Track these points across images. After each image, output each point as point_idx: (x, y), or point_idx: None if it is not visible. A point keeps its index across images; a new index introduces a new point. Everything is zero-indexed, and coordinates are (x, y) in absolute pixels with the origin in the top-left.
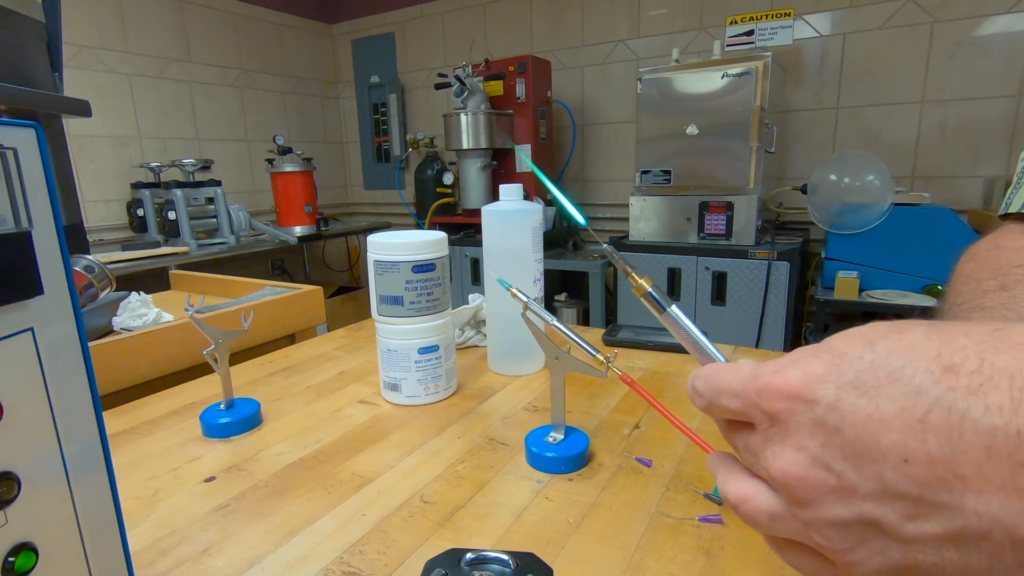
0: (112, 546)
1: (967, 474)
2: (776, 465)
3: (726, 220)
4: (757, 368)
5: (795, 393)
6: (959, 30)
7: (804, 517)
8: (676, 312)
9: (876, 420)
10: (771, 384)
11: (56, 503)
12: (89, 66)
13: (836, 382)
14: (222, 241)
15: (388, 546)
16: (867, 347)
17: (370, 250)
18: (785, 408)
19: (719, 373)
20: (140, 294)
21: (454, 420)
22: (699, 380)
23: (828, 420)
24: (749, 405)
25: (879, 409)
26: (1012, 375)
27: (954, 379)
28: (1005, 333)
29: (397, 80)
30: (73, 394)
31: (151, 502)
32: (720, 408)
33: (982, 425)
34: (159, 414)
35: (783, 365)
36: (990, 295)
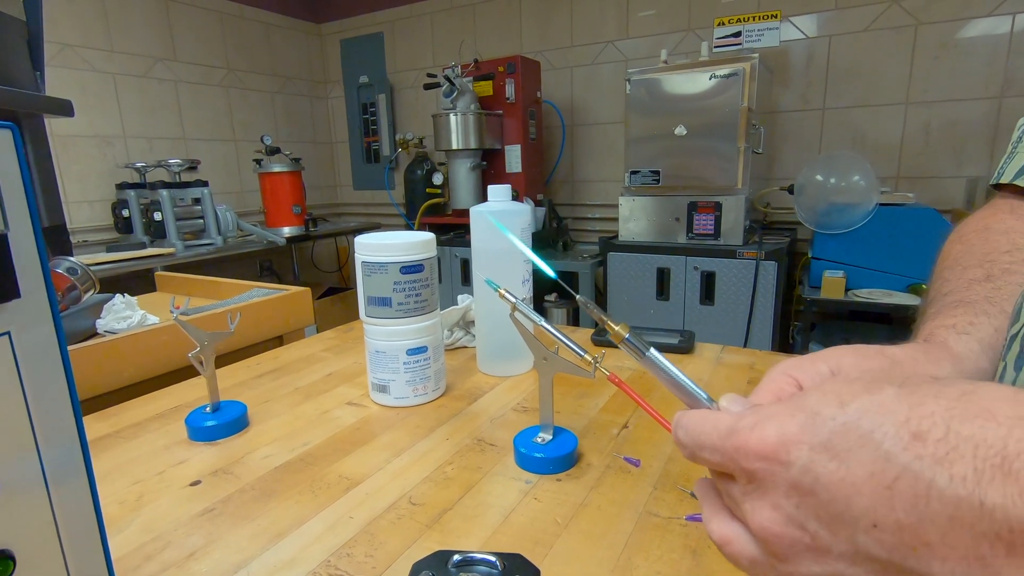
0: (93, 552)
1: (933, 541)
2: (754, 520)
3: (714, 220)
4: (736, 422)
5: (771, 454)
6: (942, 33)
7: (781, 569)
8: (655, 355)
9: (848, 484)
10: (748, 443)
11: (34, 509)
12: (72, 65)
13: (810, 443)
14: (209, 242)
15: (376, 548)
16: (840, 408)
17: (357, 251)
18: (762, 468)
19: (699, 426)
20: (125, 296)
21: (443, 421)
22: (680, 431)
23: (803, 482)
24: (728, 460)
25: (850, 473)
26: (976, 445)
27: (921, 447)
28: (973, 398)
29: (386, 80)
30: (52, 399)
31: (136, 507)
32: (702, 460)
33: (947, 495)
34: (144, 417)
35: (759, 422)
36: (975, 286)
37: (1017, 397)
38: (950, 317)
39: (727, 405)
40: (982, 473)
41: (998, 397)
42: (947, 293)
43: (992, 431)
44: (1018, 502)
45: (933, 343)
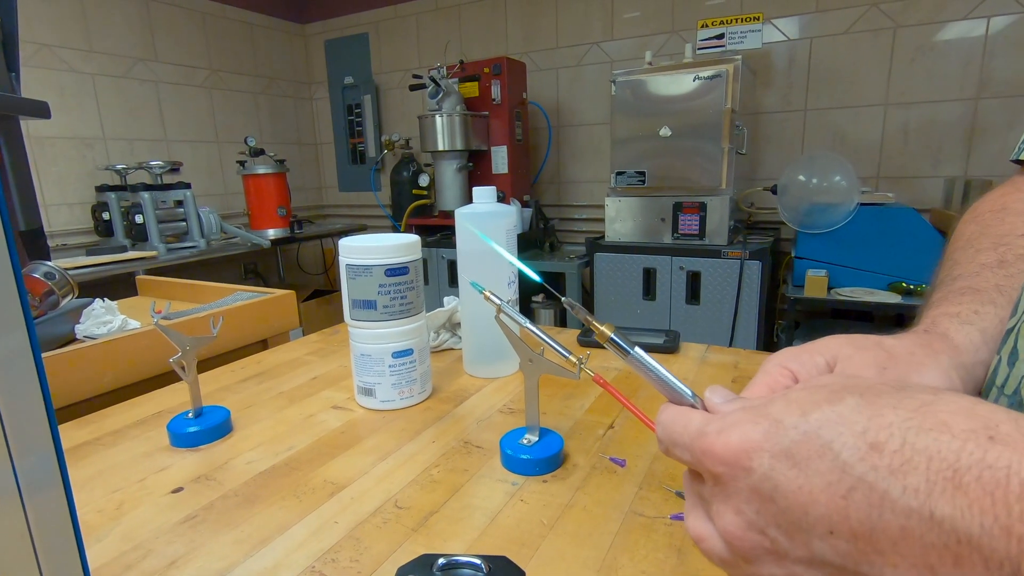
0: (70, 564)
1: (885, 550)
2: (719, 522)
3: (699, 220)
4: (704, 424)
5: (734, 460)
6: (920, 35)
7: (746, 570)
8: (640, 354)
9: (805, 493)
10: (714, 447)
11: (7, 520)
12: (50, 65)
13: (771, 451)
14: (192, 245)
15: (361, 553)
16: (802, 416)
17: (342, 254)
18: (725, 472)
19: (673, 424)
20: (104, 300)
21: (429, 424)
22: (658, 426)
23: (763, 488)
24: (696, 462)
25: (808, 482)
26: (930, 457)
27: (877, 458)
28: (931, 409)
29: (371, 81)
30: (25, 407)
31: (115, 515)
32: (675, 456)
33: (899, 506)
34: (124, 424)
35: (725, 427)
36: (985, 271)
37: (974, 410)
38: (955, 304)
39: (710, 396)
40: (934, 485)
41: (955, 410)
42: (956, 277)
43: (946, 444)
44: (967, 514)
45: (933, 333)
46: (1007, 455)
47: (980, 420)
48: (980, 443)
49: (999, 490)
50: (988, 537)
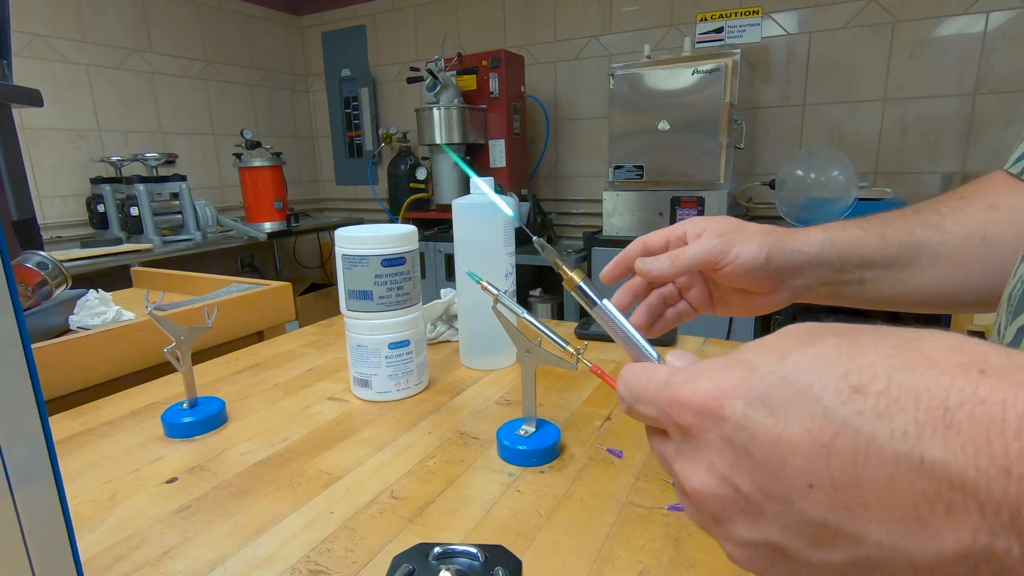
0: (61, 555)
1: (871, 502)
2: (687, 480)
3: (697, 215)
4: (672, 375)
5: (704, 407)
6: (918, 30)
7: (717, 531)
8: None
9: (784, 442)
10: (681, 395)
11: None
12: (43, 55)
13: (745, 398)
14: (188, 237)
15: (356, 543)
16: (779, 360)
17: (338, 244)
18: (695, 423)
19: (636, 378)
20: (99, 291)
21: (425, 415)
22: (621, 384)
23: (737, 439)
24: (662, 414)
25: (787, 430)
26: (918, 395)
27: (861, 401)
28: (916, 345)
29: (369, 74)
30: (15, 398)
31: (108, 505)
32: (638, 413)
33: (886, 452)
34: (118, 415)
35: (694, 375)
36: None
37: (962, 345)
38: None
39: (672, 360)
40: (924, 427)
41: (941, 345)
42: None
43: (934, 380)
44: (960, 457)
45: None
46: (1001, 388)
47: (969, 354)
48: (971, 378)
49: (994, 427)
50: (985, 479)
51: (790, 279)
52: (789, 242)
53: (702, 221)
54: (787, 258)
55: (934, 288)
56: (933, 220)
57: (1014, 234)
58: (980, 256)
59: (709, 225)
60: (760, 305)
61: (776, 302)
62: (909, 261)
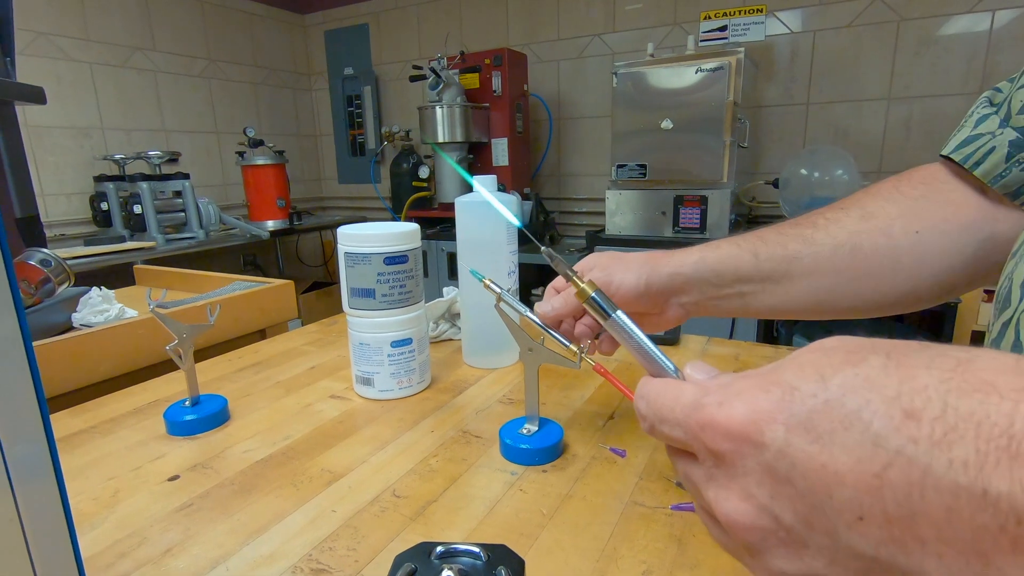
0: (62, 552)
1: (927, 537)
2: (721, 509)
3: (700, 214)
4: (701, 396)
5: (741, 433)
6: (923, 29)
7: (751, 562)
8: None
9: (830, 472)
10: (715, 419)
11: None
12: (47, 53)
13: (786, 423)
14: (191, 236)
15: (358, 542)
16: (820, 382)
17: (340, 242)
18: (731, 449)
19: (660, 397)
20: (101, 289)
21: (427, 414)
22: (641, 401)
23: (778, 467)
24: (692, 438)
25: (833, 459)
26: (978, 423)
27: (915, 427)
28: (971, 367)
29: (371, 72)
30: (16, 395)
31: (110, 503)
32: (662, 435)
33: (945, 483)
34: (120, 412)
35: (728, 397)
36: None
37: (1019, 366)
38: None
39: (691, 372)
40: (986, 456)
41: (999, 367)
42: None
43: (995, 407)
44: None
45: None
46: None
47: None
48: None
49: None
50: None
51: (674, 298)
52: (664, 266)
53: (591, 258)
54: (665, 281)
55: (808, 297)
56: (807, 233)
57: (884, 241)
58: (849, 266)
59: (596, 262)
60: (656, 324)
61: (669, 319)
62: (783, 274)
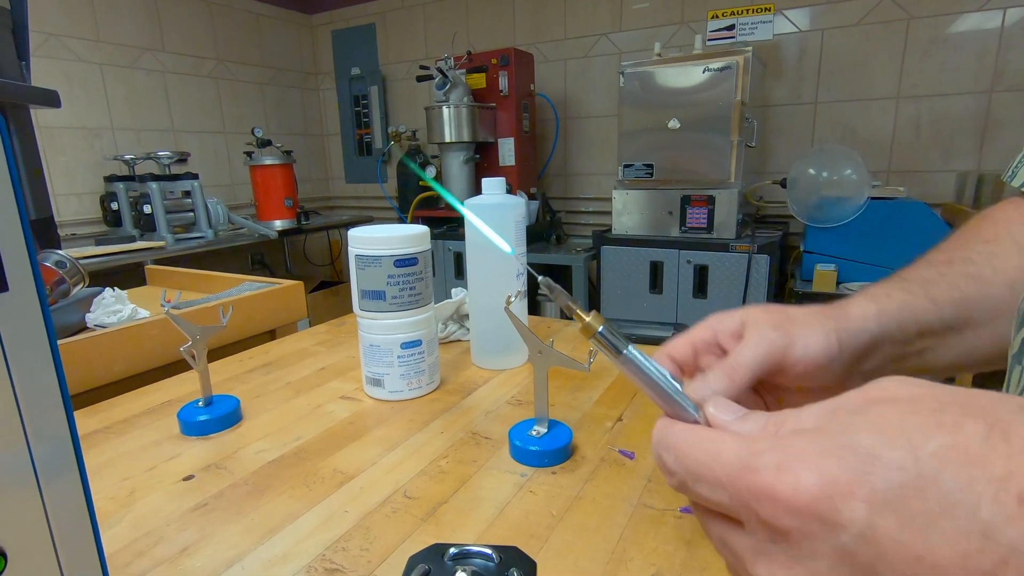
0: (86, 549)
1: None
2: None
3: (708, 214)
4: (748, 455)
5: (812, 510)
6: (933, 27)
7: None
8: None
9: (927, 566)
10: (776, 490)
11: (25, 506)
12: (58, 55)
13: (869, 500)
14: (200, 235)
15: (371, 542)
16: (908, 450)
17: (351, 244)
18: (797, 528)
19: (693, 452)
20: (115, 290)
21: (437, 415)
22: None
23: (859, 554)
24: (740, 505)
25: (931, 551)
26: None
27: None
28: None
29: (378, 72)
30: (42, 395)
31: (127, 502)
32: (698, 496)
33: None
34: (135, 412)
35: (788, 460)
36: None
37: None
38: (876, 287)
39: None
40: None
41: None
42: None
43: None
44: None
45: (835, 305)
46: None
47: None
48: None
49: None
50: None
51: (859, 365)
52: (847, 321)
53: (734, 315)
54: (856, 341)
55: (992, 346)
56: (972, 271)
57: None
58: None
59: (748, 318)
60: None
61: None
62: (965, 321)
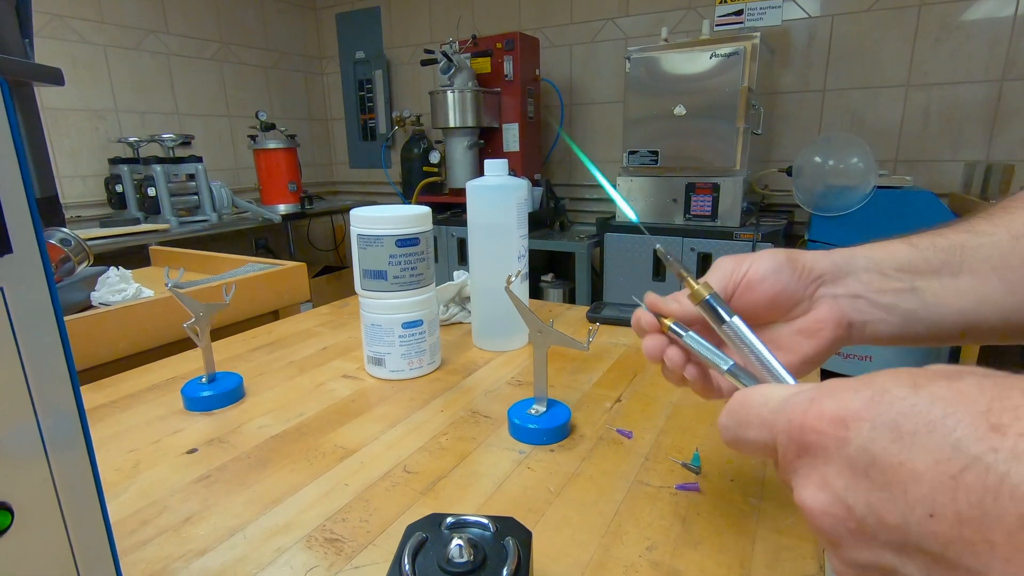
0: (92, 514)
1: (997, 540)
2: (798, 496)
3: (712, 202)
4: (792, 394)
5: (828, 427)
6: (945, 14)
7: (830, 553)
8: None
9: (907, 469)
10: (806, 416)
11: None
12: (62, 36)
13: (873, 421)
14: (204, 219)
15: (370, 514)
16: (911, 389)
17: (353, 224)
18: (815, 440)
19: (747, 401)
20: (119, 269)
21: (437, 394)
22: (724, 413)
23: (858, 461)
24: (778, 434)
25: (912, 458)
26: None
27: (999, 440)
28: None
29: (383, 56)
30: (48, 364)
31: (132, 474)
32: (745, 440)
33: (1020, 492)
34: (139, 388)
35: (820, 395)
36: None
37: None
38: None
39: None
40: None
41: None
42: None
43: None
44: None
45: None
46: None
47: None
48: None
49: None
50: None
51: (825, 287)
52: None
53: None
54: (809, 260)
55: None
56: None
57: None
58: None
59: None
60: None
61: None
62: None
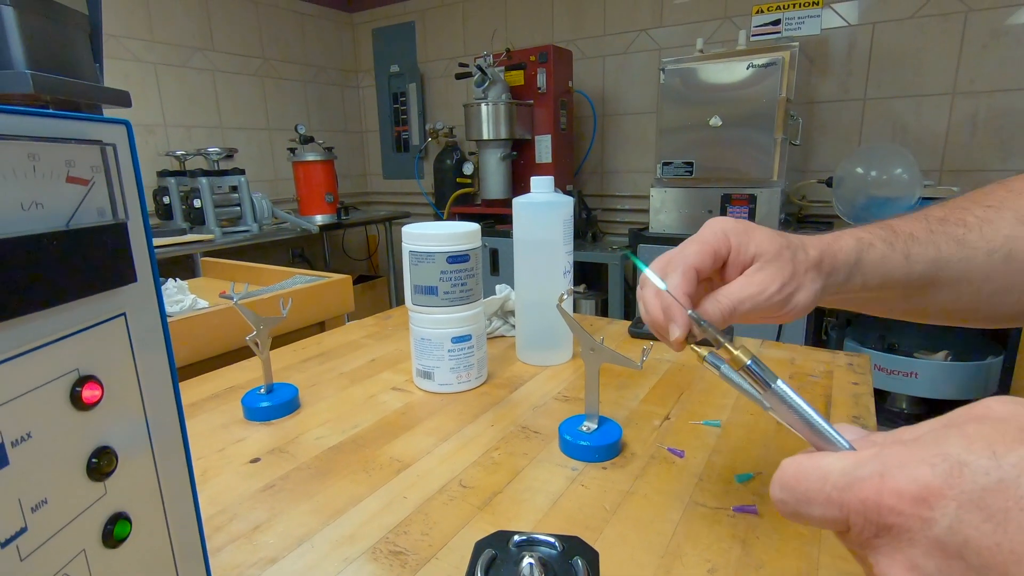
0: (188, 516)
1: None
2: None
3: (748, 213)
4: (853, 468)
5: (910, 507)
6: (993, 19)
7: None
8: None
9: (1006, 552)
10: (881, 496)
11: (144, 475)
12: (117, 55)
13: (957, 499)
14: (245, 229)
15: (431, 527)
16: (992, 459)
17: (405, 241)
18: (898, 522)
19: (802, 475)
20: (176, 280)
21: (486, 408)
22: (777, 487)
23: (949, 543)
24: (851, 514)
25: (1009, 539)
26: None
27: None
28: None
29: (417, 69)
30: (157, 374)
31: (200, 481)
32: (810, 517)
33: None
34: (201, 397)
35: (889, 468)
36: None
37: None
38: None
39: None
40: None
41: None
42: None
43: None
44: None
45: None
46: None
47: None
48: None
49: None
50: None
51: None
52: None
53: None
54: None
55: (949, 305)
56: (959, 234)
57: None
58: (1001, 274)
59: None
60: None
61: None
62: (930, 282)
